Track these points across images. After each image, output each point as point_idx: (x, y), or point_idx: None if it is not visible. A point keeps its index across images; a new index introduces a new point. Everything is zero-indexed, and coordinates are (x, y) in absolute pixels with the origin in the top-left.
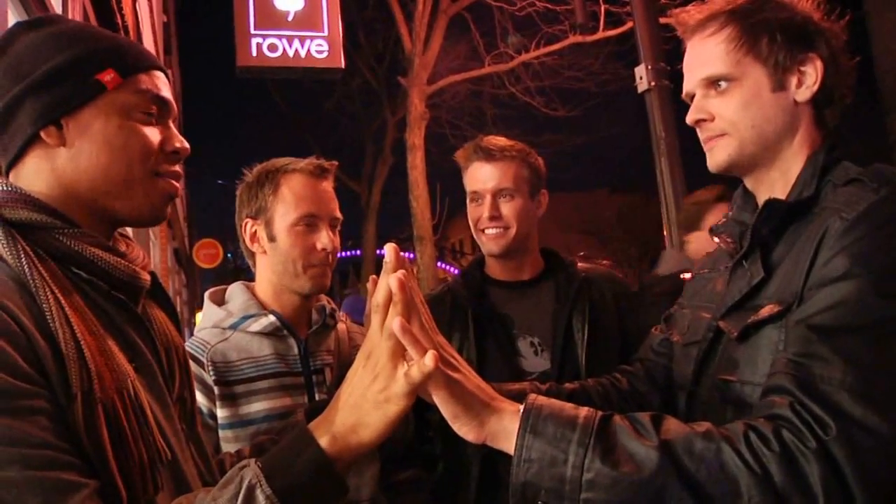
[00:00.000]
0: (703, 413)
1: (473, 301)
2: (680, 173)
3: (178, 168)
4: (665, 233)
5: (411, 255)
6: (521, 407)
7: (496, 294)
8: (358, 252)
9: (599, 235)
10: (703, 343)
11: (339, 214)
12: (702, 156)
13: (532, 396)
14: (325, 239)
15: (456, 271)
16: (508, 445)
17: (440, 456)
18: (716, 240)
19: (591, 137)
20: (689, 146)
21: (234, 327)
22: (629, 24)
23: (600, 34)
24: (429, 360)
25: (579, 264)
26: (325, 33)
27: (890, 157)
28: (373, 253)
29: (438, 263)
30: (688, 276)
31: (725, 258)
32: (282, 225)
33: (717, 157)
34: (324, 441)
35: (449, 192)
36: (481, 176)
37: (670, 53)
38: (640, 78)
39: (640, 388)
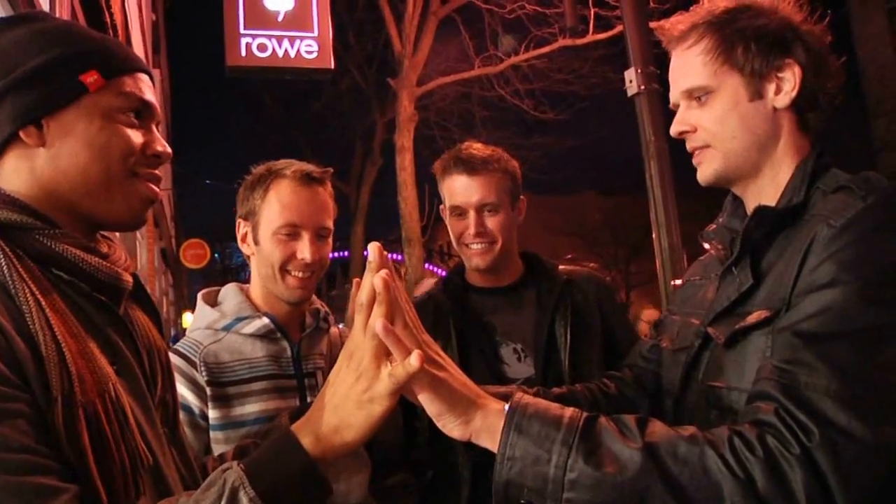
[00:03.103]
0: (690, 419)
1: (455, 309)
2: (669, 176)
3: (157, 172)
4: (654, 235)
5: (400, 257)
6: (507, 405)
7: (478, 301)
8: (345, 253)
9: (586, 238)
10: (692, 349)
11: (327, 224)
12: (691, 160)
13: (518, 395)
14: (305, 249)
15: (444, 273)
16: (492, 443)
17: (429, 462)
18: (706, 246)
19: (579, 140)
20: (678, 150)
21: (227, 329)
22: (618, 28)
23: (590, 37)
24: (414, 359)
25: (561, 266)
26: (315, 34)
27: (875, 162)
28: (360, 254)
29: (426, 265)
30: (678, 282)
31: (716, 265)
32: (266, 230)
33: (704, 171)
34: (307, 442)
35: (437, 195)
36: (463, 190)
37: (660, 57)
38: (630, 81)
39: (628, 394)
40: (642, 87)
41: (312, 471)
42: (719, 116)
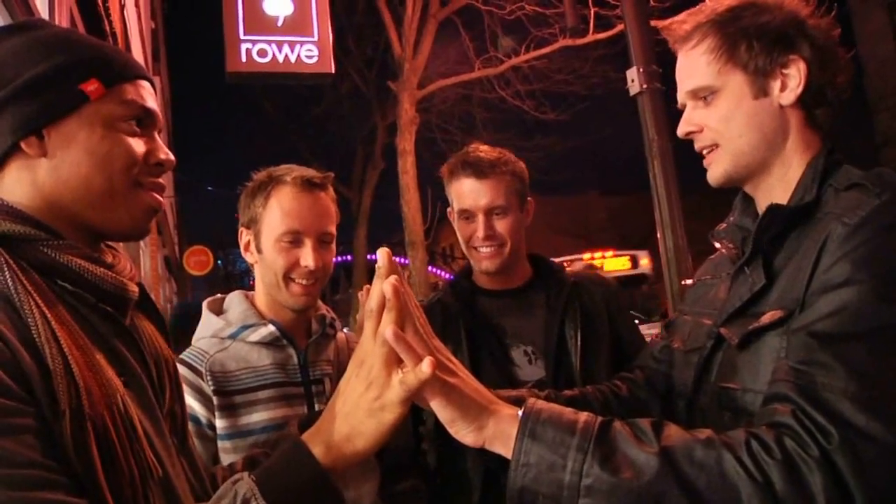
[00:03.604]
0: (703, 420)
1: (465, 312)
2: (673, 176)
3: (161, 181)
4: (659, 235)
5: (404, 261)
6: (520, 411)
7: (486, 304)
8: (349, 257)
9: (590, 238)
10: (704, 350)
11: (330, 229)
12: (694, 158)
13: (531, 400)
14: (308, 257)
15: (447, 276)
16: (506, 450)
17: (437, 469)
18: (717, 245)
19: (581, 140)
20: (681, 148)
21: (232, 337)
22: (619, 27)
23: (590, 37)
24: (425, 366)
25: (568, 269)
26: (315, 38)
27: (877, 157)
28: (364, 258)
29: (429, 268)
30: (689, 282)
31: (727, 264)
32: (268, 238)
33: (713, 172)
34: (318, 451)
35: (440, 197)
36: (472, 193)
37: (661, 56)
38: (632, 81)
39: (640, 396)
40: (644, 87)
41: (324, 481)
42: (725, 115)
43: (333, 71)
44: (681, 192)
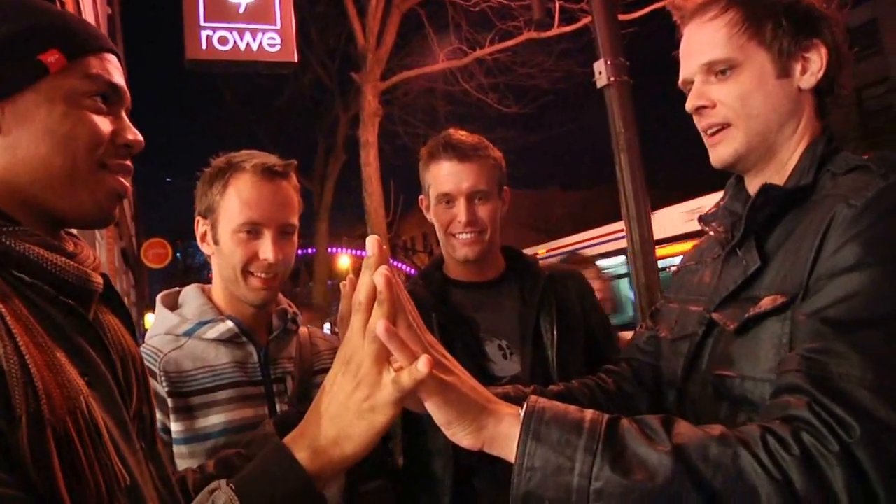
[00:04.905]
0: (695, 411)
1: (438, 304)
2: (640, 168)
3: (129, 163)
4: (625, 228)
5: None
6: (522, 410)
7: (459, 296)
8: (310, 250)
9: (551, 232)
10: (695, 337)
11: (291, 220)
12: (660, 152)
13: (533, 398)
14: (267, 249)
15: (408, 269)
16: (508, 452)
17: (404, 469)
18: (705, 228)
19: (544, 134)
20: (647, 142)
21: (189, 334)
22: (584, 21)
23: (555, 31)
24: (422, 365)
25: (541, 262)
26: (278, 26)
27: None
28: (325, 251)
29: (390, 261)
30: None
31: (714, 248)
32: (225, 229)
33: (722, 152)
34: (303, 458)
35: (403, 190)
36: (453, 176)
37: (628, 48)
38: (600, 73)
39: (626, 389)
40: (612, 79)
41: (310, 490)
42: (745, 92)
43: (296, 60)
44: (648, 186)
